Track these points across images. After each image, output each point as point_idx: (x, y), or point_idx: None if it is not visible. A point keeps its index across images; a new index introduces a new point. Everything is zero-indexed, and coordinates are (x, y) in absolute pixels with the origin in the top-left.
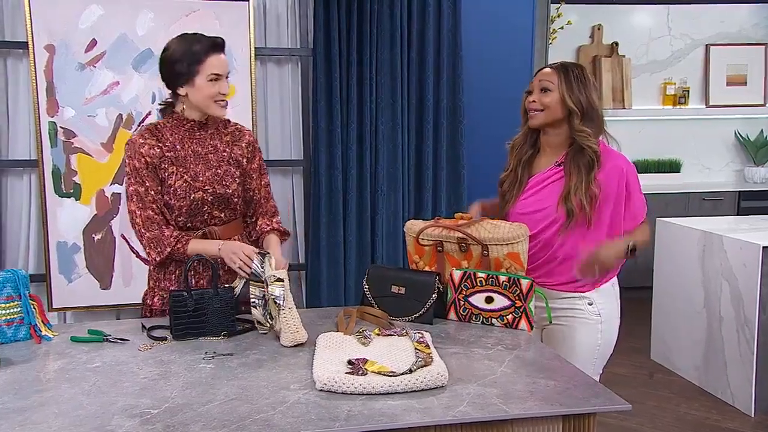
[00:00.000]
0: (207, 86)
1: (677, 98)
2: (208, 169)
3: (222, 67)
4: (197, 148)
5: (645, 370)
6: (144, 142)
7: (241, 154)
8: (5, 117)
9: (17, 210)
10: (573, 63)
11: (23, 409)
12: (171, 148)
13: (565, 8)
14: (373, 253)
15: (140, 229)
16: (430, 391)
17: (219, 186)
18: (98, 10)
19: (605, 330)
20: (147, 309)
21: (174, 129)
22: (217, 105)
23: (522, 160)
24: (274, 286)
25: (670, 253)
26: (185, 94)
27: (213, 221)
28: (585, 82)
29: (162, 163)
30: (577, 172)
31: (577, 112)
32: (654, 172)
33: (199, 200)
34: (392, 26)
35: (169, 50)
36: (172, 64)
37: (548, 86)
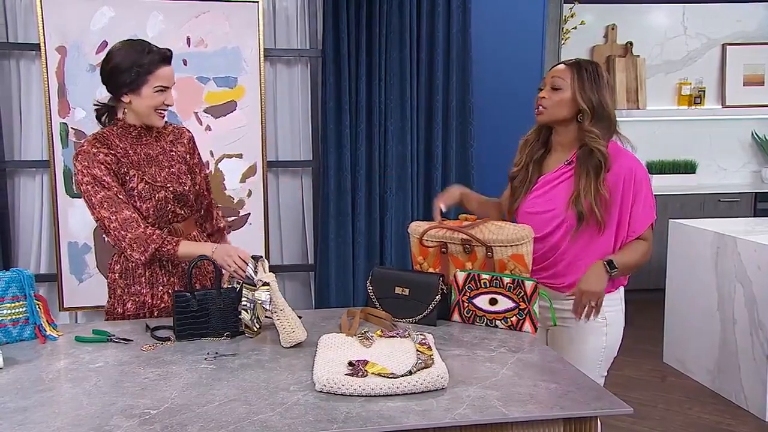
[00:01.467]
0: (152, 96)
1: (693, 98)
2: (162, 169)
3: (170, 79)
4: (148, 151)
5: (657, 373)
6: (98, 151)
7: (185, 151)
8: (18, 118)
9: (29, 210)
10: (588, 60)
11: (24, 408)
12: (124, 153)
13: (579, 8)
14: (381, 254)
15: (119, 231)
16: (431, 393)
17: (177, 184)
18: (109, 12)
19: (610, 333)
20: (117, 317)
21: (121, 136)
22: (157, 115)
23: (533, 157)
24: (260, 291)
25: (683, 255)
26: (129, 102)
27: (176, 218)
28: (599, 80)
29: (120, 167)
30: (586, 174)
31: (588, 112)
32: (669, 173)
33: (163, 199)
34: (401, 27)
35: (117, 57)
36: (120, 71)
37: (560, 84)
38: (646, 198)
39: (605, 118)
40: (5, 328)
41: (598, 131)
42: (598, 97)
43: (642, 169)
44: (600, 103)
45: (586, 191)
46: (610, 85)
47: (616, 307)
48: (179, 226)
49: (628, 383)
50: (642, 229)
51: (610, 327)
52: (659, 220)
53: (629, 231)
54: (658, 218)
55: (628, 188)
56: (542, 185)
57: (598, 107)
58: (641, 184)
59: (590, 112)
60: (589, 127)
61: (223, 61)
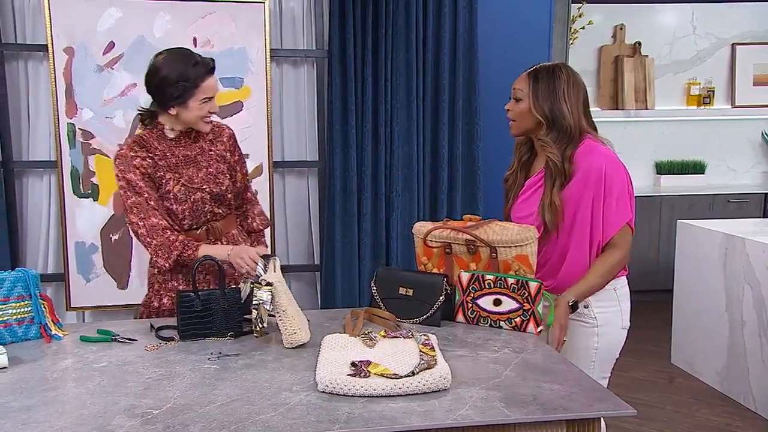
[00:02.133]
0: (199, 107)
1: (702, 98)
2: (200, 170)
3: (214, 89)
4: (186, 153)
5: (664, 374)
6: (135, 155)
7: (225, 149)
8: (26, 118)
9: (37, 210)
10: (548, 66)
11: (28, 407)
12: (162, 156)
13: (587, 8)
14: (387, 254)
15: (146, 238)
16: (433, 394)
17: (214, 185)
18: (116, 12)
19: (603, 334)
20: (153, 312)
21: (160, 139)
22: (204, 122)
23: (521, 161)
24: (262, 291)
25: (691, 256)
26: (175, 114)
27: (214, 217)
28: (554, 87)
29: (157, 171)
30: (547, 183)
31: (541, 122)
32: (678, 174)
33: (199, 200)
34: (407, 27)
35: (164, 69)
36: (167, 85)
37: (518, 95)
38: (619, 198)
39: (562, 126)
40: (11, 327)
41: (550, 139)
42: (551, 105)
43: (615, 167)
44: (553, 111)
45: (545, 198)
46: (574, 89)
47: (609, 309)
48: (218, 225)
49: (635, 384)
50: (613, 231)
51: (603, 328)
52: (667, 221)
53: (602, 234)
54: (666, 218)
55: (598, 188)
56: (526, 189)
57: (552, 115)
58: (612, 182)
59: (544, 121)
60: (541, 135)
61: (229, 61)
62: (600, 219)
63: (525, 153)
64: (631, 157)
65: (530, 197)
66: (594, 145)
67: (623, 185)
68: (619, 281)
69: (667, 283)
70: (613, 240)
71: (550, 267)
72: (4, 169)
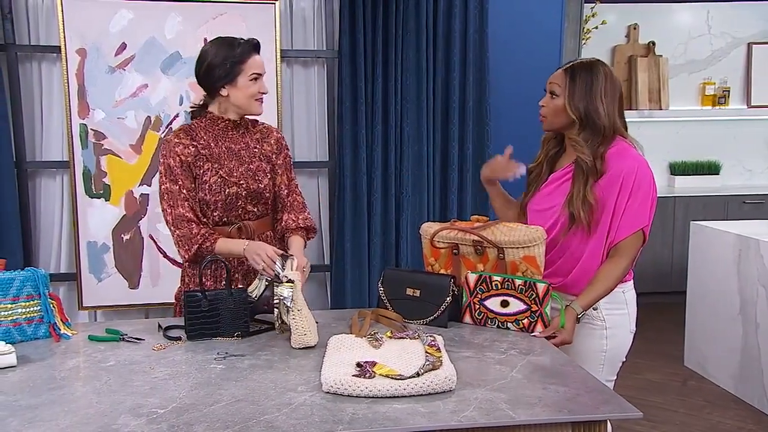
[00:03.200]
0: (249, 85)
1: (717, 98)
2: (241, 164)
3: (261, 66)
4: (230, 145)
5: (678, 377)
6: (179, 141)
7: (270, 150)
8: (39, 119)
9: (50, 210)
10: (586, 63)
11: (34, 406)
12: (205, 146)
13: (601, 7)
14: (397, 255)
15: (170, 226)
16: (438, 396)
17: (252, 181)
18: (128, 14)
19: (612, 336)
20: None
21: (207, 128)
22: (257, 103)
23: (549, 155)
24: (282, 288)
25: (705, 258)
26: (227, 95)
27: (247, 216)
28: (592, 86)
29: (197, 160)
30: (577, 179)
31: (575, 121)
32: (692, 174)
33: (233, 195)
34: (418, 27)
35: (209, 54)
36: (214, 67)
37: (555, 90)
38: (641, 203)
39: (596, 126)
40: (20, 326)
41: (582, 140)
42: (587, 104)
43: (644, 173)
44: (589, 111)
45: (576, 195)
46: (611, 88)
47: (618, 311)
48: (251, 224)
49: (647, 387)
50: (623, 235)
51: (612, 330)
52: (682, 222)
53: (615, 235)
54: (680, 219)
55: (624, 191)
56: (550, 183)
57: (587, 115)
58: (638, 187)
59: (578, 120)
60: (574, 135)
61: None
62: (618, 221)
63: (553, 148)
64: (646, 157)
65: (554, 191)
66: (626, 148)
67: (648, 192)
68: (626, 285)
69: (681, 284)
70: (622, 245)
71: (562, 265)
72: (18, 170)
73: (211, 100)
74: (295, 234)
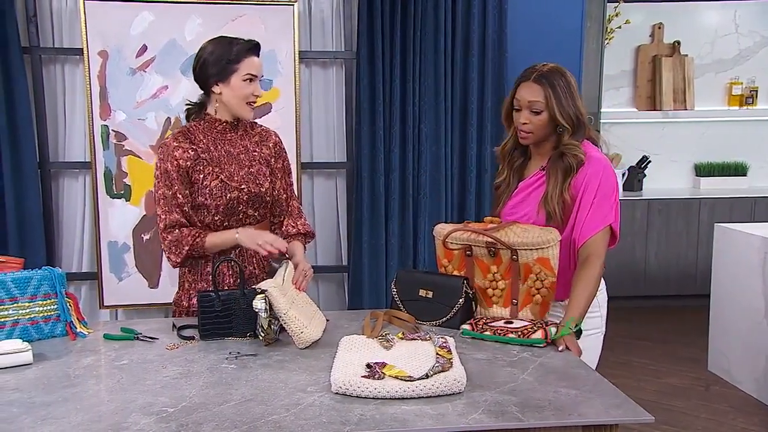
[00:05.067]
0: (242, 86)
1: (744, 99)
2: (242, 168)
3: (258, 68)
4: (229, 149)
5: (701, 382)
6: (178, 146)
7: (269, 154)
8: (62, 120)
9: (72, 210)
10: (553, 69)
11: (48, 403)
12: (205, 149)
13: (624, 7)
14: (414, 256)
15: (162, 233)
16: (447, 398)
17: (253, 185)
18: (149, 16)
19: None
20: (183, 311)
21: (206, 131)
22: (248, 106)
23: (514, 166)
24: (256, 300)
25: (729, 260)
26: (219, 93)
27: (248, 220)
28: (571, 90)
29: (197, 165)
30: (555, 176)
31: (568, 128)
32: (718, 176)
33: (234, 199)
34: (436, 28)
35: (206, 50)
36: (210, 62)
37: (538, 107)
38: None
39: (582, 126)
40: (37, 324)
41: (576, 141)
42: (575, 108)
43: (607, 173)
44: (577, 115)
45: (552, 193)
46: (575, 85)
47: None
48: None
49: (670, 391)
50: (590, 233)
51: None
52: (707, 224)
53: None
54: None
55: (589, 192)
56: (520, 191)
57: (576, 119)
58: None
59: (570, 126)
60: (568, 140)
61: None
62: (582, 221)
63: (518, 158)
64: (670, 158)
65: (526, 198)
66: (589, 149)
67: (611, 189)
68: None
69: (705, 288)
70: (591, 244)
71: None
72: (41, 170)
73: (208, 99)
74: (295, 239)
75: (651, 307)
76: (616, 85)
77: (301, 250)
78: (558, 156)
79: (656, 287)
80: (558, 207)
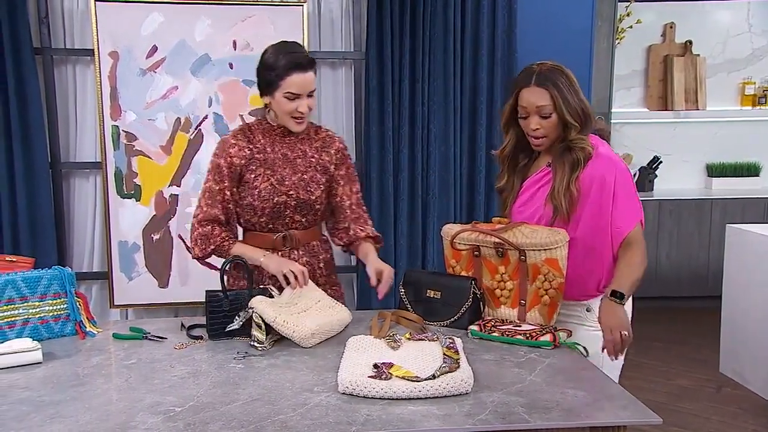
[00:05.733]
0: (284, 102)
1: (757, 98)
2: (295, 173)
3: (301, 86)
4: (286, 152)
5: (712, 384)
6: (235, 143)
7: (329, 161)
8: (74, 121)
9: (83, 210)
10: (552, 67)
11: (57, 402)
12: (261, 150)
13: (636, 6)
14: (423, 257)
15: (195, 223)
16: (454, 398)
17: (303, 191)
18: (159, 17)
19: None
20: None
21: (266, 131)
22: (293, 120)
23: (517, 168)
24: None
25: (741, 261)
26: (269, 102)
27: (294, 225)
28: (573, 86)
29: (250, 164)
30: (561, 169)
31: (576, 126)
32: (731, 176)
33: (281, 204)
34: (445, 28)
35: (263, 56)
36: (260, 72)
37: (547, 111)
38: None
39: (589, 120)
40: (47, 324)
41: (584, 135)
42: (580, 103)
43: (620, 168)
44: (583, 109)
45: (559, 186)
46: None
47: None
48: (297, 234)
49: (680, 393)
50: (630, 226)
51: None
52: (719, 225)
53: (617, 230)
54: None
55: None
56: (526, 189)
57: (583, 114)
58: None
59: (578, 123)
60: (576, 135)
61: None
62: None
63: (523, 159)
64: (681, 159)
65: (533, 195)
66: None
67: (631, 184)
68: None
69: (717, 289)
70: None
71: None
72: (53, 170)
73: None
74: (365, 241)
75: (662, 309)
76: (627, 85)
77: (373, 252)
78: (565, 149)
79: (667, 288)
80: (565, 200)
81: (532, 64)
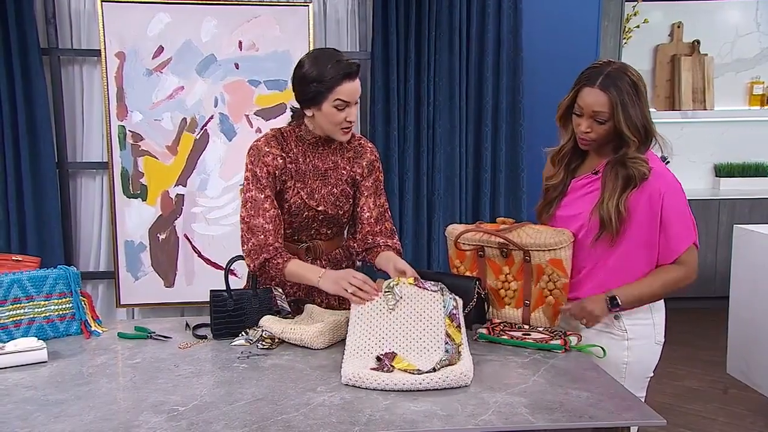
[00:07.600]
0: (333, 113)
1: (765, 98)
2: (325, 186)
3: (352, 94)
4: (318, 163)
5: (719, 385)
6: (269, 151)
7: (360, 173)
8: (80, 121)
9: (90, 210)
10: (621, 73)
11: (61, 401)
12: (293, 159)
13: (643, 6)
14: (429, 256)
15: (245, 234)
16: (456, 398)
17: (332, 206)
18: (165, 17)
19: (634, 347)
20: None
21: (299, 140)
22: (342, 131)
23: (570, 167)
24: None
25: (748, 262)
26: (312, 115)
27: (319, 236)
28: (639, 96)
29: (283, 174)
30: (613, 183)
31: (634, 141)
32: (738, 176)
33: (310, 218)
34: (451, 28)
35: (304, 68)
36: (303, 85)
37: (602, 117)
38: (678, 217)
39: (649, 136)
40: (53, 323)
41: (642, 154)
42: (642, 118)
43: (672, 188)
44: (644, 125)
45: (609, 201)
46: (643, 89)
47: (641, 321)
48: (321, 244)
49: (687, 394)
50: (682, 248)
51: (634, 341)
52: (726, 225)
53: (668, 251)
54: (725, 222)
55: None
56: (573, 190)
57: (644, 130)
58: (670, 204)
59: (637, 139)
60: (634, 153)
61: (273, 64)
62: (653, 242)
63: (575, 160)
64: (689, 159)
65: (581, 197)
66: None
67: (686, 205)
68: None
69: (725, 290)
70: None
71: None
72: (59, 170)
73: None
74: (386, 250)
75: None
76: None
77: (396, 257)
78: (619, 163)
79: None
80: (615, 217)
81: (601, 60)
